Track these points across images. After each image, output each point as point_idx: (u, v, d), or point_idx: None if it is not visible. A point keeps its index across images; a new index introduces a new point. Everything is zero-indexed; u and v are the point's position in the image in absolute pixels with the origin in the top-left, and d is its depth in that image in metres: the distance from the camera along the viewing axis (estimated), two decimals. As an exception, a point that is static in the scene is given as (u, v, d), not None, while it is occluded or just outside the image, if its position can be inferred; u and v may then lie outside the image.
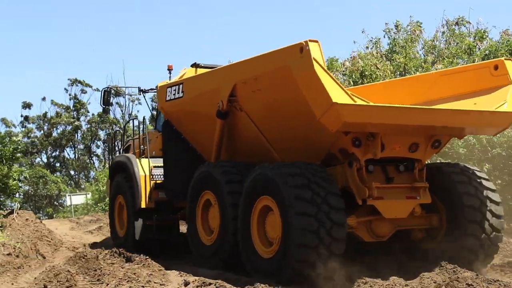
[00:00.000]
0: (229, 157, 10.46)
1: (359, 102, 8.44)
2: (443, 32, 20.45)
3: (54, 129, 45.21)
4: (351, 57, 19.17)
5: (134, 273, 9.05)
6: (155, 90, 12.73)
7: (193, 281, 8.45)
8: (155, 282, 8.41)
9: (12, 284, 8.95)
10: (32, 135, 45.44)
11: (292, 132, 9.08)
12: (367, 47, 20.08)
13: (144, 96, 14.20)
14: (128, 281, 8.41)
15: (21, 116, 45.12)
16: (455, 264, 8.47)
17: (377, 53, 19.12)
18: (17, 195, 17.05)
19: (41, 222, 15.53)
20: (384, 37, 20.52)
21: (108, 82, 40.93)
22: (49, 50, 66.91)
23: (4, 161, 14.19)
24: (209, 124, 10.31)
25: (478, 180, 9.32)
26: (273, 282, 7.99)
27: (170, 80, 12.61)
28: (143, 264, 10.22)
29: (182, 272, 9.55)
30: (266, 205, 8.79)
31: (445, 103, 9.33)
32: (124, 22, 68.89)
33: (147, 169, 12.32)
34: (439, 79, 9.91)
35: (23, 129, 44.61)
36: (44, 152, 45.84)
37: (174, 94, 11.12)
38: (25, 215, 15.33)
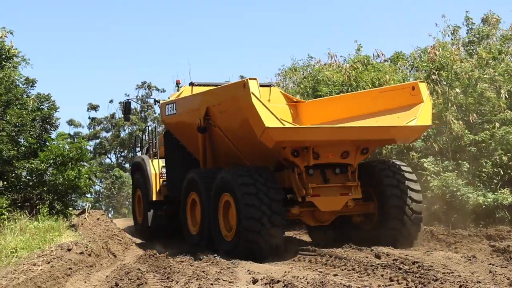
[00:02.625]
0: (214, 162, 12.89)
1: (287, 125, 10.88)
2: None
3: (122, 130, 45.91)
4: (431, 46, 18.05)
5: (203, 271, 9.11)
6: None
7: (261, 279, 8.45)
8: (223, 280, 8.43)
9: (85, 282, 9.14)
10: (101, 135, 46.21)
11: (251, 144, 11.24)
12: (443, 34, 18.92)
13: (159, 106, 15.64)
14: (197, 278, 8.46)
15: (89, 118, 45.95)
16: (385, 242, 11.06)
17: (456, 44, 17.97)
18: (88, 195, 17.37)
19: (111, 221, 15.81)
20: (464, 25, 19.28)
21: (174, 82, 41.29)
22: (115, 52, 68.13)
23: (72, 164, 14.54)
24: (196, 136, 12.78)
25: (402, 173, 11.70)
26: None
27: (178, 92, 14.92)
28: (212, 262, 10.31)
29: (251, 270, 9.58)
30: (227, 200, 11.34)
31: (377, 117, 11.69)
32: (191, 24, 69.60)
33: (158, 168, 14.90)
34: (377, 96, 12.16)
35: (91, 130, 45.39)
36: (113, 152, 46.62)
37: (171, 111, 13.68)
38: (96, 214, 15.63)
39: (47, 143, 15.10)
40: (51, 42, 64.55)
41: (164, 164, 14.70)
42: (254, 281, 8.44)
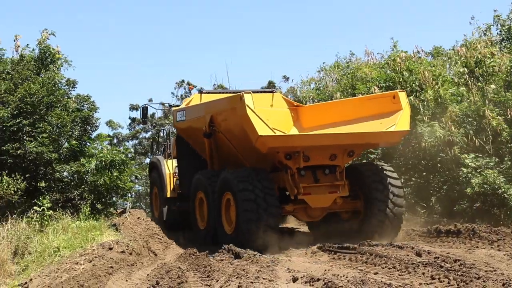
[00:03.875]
0: (220, 163, 14.10)
1: (278, 133, 12.40)
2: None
3: (162, 130, 46.16)
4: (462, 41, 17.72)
5: (243, 269, 9.12)
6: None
7: (301, 277, 8.44)
8: (263, 278, 8.42)
9: (126, 280, 9.23)
10: (140, 136, 46.54)
11: (250, 148, 12.38)
12: (472, 34, 18.71)
13: (172, 112, 16.48)
14: (237, 277, 8.47)
15: (129, 118, 46.28)
16: (368, 238, 11.89)
17: (488, 41, 17.63)
18: (128, 194, 17.55)
19: (151, 220, 15.94)
20: (494, 24, 19.00)
21: (212, 81, 41.36)
22: (154, 52, 68.61)
23: (115, 168, 14.72)
24: (203, 140, 14.07)
25: (387, 178, 12.81)
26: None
27: (190, 96, 16.41)
28: (252, 260, 10.31)
29: (290, 268, 9.57)
30: (228, 198, 12.64)
31: (364, 122, 12.93)
32: (230, 24, 69.76)
33: (172, 168, 16.28)
34: (365, 102, 13.49)
35: (131, 130, 45.71)
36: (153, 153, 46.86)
37: (181, 117, 15.04)
38: (137, 213, 15.78)
39: (88, 144, 15.27)
40: (92, 41, 65.27)
41: (177, 165, 16.00)
42: (294, 280, 8.43)
